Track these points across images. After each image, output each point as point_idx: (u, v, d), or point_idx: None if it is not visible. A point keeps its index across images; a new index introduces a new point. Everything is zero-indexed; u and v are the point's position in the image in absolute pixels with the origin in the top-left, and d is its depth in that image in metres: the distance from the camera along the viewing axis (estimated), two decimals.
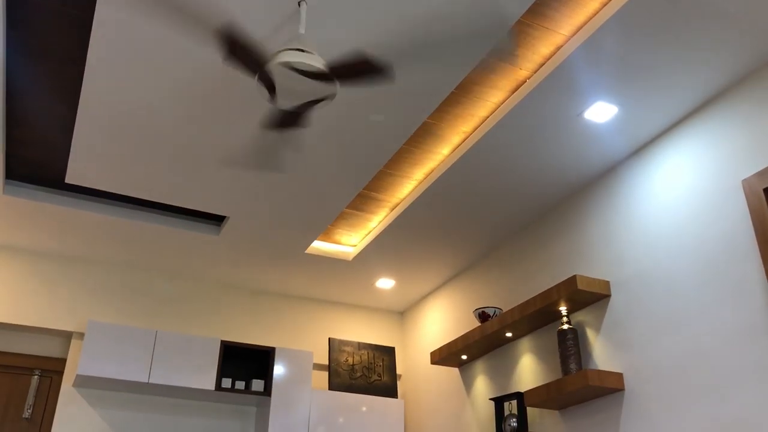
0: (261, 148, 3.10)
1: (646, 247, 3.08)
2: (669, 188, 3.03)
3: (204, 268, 4.58)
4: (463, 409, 4.19)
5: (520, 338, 3.80)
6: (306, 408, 4.38)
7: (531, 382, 3.64)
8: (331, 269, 4.57)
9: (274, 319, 4.88)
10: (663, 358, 2.86)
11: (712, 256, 2.74)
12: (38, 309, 4.25)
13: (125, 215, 3.98)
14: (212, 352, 4.30)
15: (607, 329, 3.20)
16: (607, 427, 3.07)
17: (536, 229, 3.87)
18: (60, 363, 4.33)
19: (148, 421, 4.31)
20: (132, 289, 4.55)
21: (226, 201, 3.74)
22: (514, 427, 3.51)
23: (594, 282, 3.20)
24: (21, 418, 4.15)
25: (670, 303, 2.89)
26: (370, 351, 4.82)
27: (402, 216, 3.88)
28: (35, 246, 4.31)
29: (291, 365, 4.47)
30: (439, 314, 4.72)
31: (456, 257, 4.36)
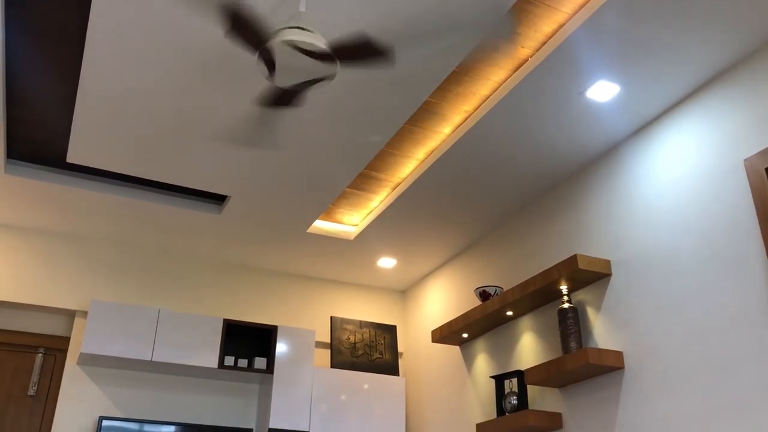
0: (255, 125, 3.07)
1: (647, 227, 3.08)
2: (670, 167, 3.03)
3: (206, 247, 4.59)
4: (464, 386, 4.23)
5: (521, 317, 3.82)
6: (308, 385, 4.42)
7: (531, 361, 3.66)
8: (333, 248, 4.58)
9: (276, 297, 4.91)
10: (663, 337, 2.88)
11: (713, 235, 2.75)
12: (41, 288, 4.27)
13: (127, 194, 3.98)
14: (215, 330, 4.33)
15: (607, 308, 3.21)
16: (606, 404, 3.09)
17: (537, 209, 3.87)
18: (64, 341, 4.37)
19: (152, 399, 4.36)
20: (134, 268, 4.57)
21: (228, 180, 3.75)
22: (515, 405, 3.54)
23: (595, 261, 3.21)
24: (26, 395, 4.19)
25: (671, 282, 2.90)
26: (371, 329, 4.85)
27: (403, 195, 3.88)
28: (37, 225, 4.33)
29: (293, 343, 4.51)
30: (440, 293, 4.74)
31: (457, 237, 4.36)
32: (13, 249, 4.30)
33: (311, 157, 3.52)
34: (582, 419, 3.22)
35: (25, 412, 4.15)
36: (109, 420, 4.06)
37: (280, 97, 2.58)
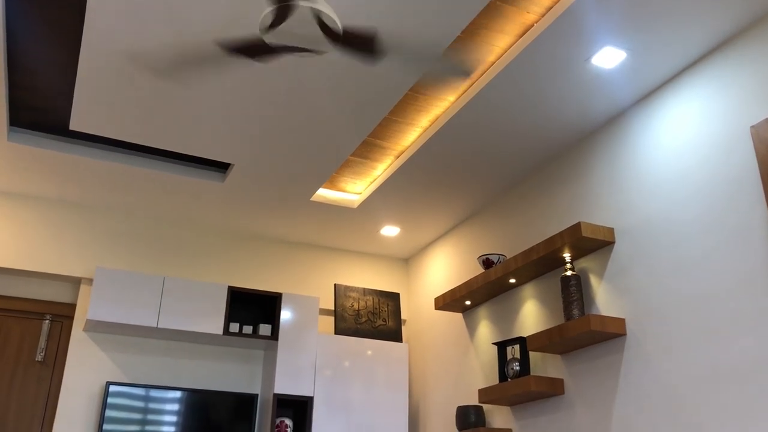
0: (194, 62, 2.96)
1: (652, 194, 3.08)
2: (676, 135, 3.01)
3: (210, 215, 4.60)
4: (467, 353, 4.27)
5: (524, 284, 3.84)
6: (312, 352, 4.46)
7: (534, 328, 3.69)
8: (337, 217, 4.59)
9: (280, 265, 4.93)
10: (665, 304, 2.89)
11: (717, 203, 2.74)
12: (47, 255, 4.30)
13: (130, 162, 3.98)
14: (220, 297, 4.36)
15: (610, 276, 3.23)
16: (608, 371, 3.13)
17: (541, 176, 3.86)
18: (70, 308, 4.41)
19: (158, 365, 4.41)
20: (139, 236, 4.59)
21: (231, 148, 3.74)
22: (517, 371, 3.58)
23: (598, 229, 3.21)
24: (34, 361, 4.25)
25: (674, 250, 2.90)
26: (375, 297, 4.89)
27: (407, 164, 3.87)
28: (41, 193, 4.33)
29: (297, 310, 4.54)
30: (444, 261, 4.76)
31: (461, 205, 4.36)
32: (18, 217, 4.31)
33: (314, 126, 3.51)
34: (583, 385, 3.26)
35: (33, 377, 4.21)
36: (116, 385, 4.12)
37: (252, 48, 2.55)
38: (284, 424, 4.31)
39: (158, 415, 4.17)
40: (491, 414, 3.90)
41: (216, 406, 4.33)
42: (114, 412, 4.06)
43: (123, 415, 4.08)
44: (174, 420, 4.20)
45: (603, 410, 3.11)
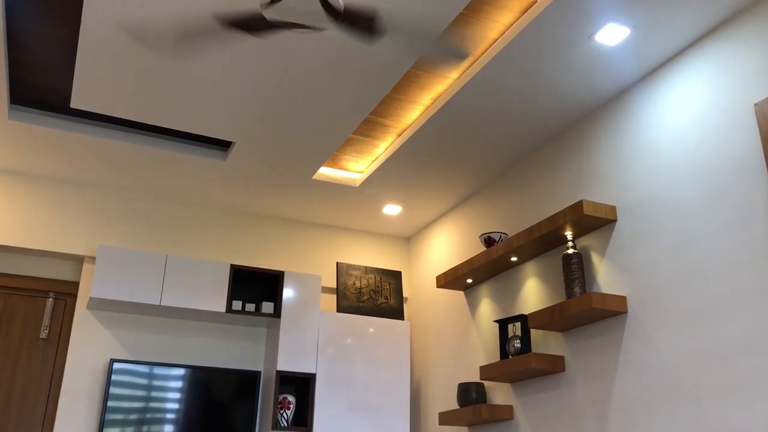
0: (191, 36, 2.92)
1: (654, 172, 3.07)
2: (679, 112, 3.00)
3: (212, 193, 4.60)
4: (468, 330, 4.29)
5: (525, 263, 3.85)
6: (315, 329, 4.49)
7: (535, 306, 3.71)
8: (339, 195, 4.59)
9: (282, 243, 4.94)
10: (667, 282, 2.90)
11: (720, 181, 2.74)
12: (49, 233, 4.31)
13: (132, 140, 3.97)
14: (222, 275, 4.38)
15: (612, 253, 3.23)
16: (609, 348, 3.14)
17: (543, 154, 3.85)
18: (73, 286, 4.43)
19: (162, 342, 4.45)
20: (140, 214, 4.59)
21: (233, 126, 3.73)
22: (518, 348, 3.60)
23: (600, 207, 3.21)
24: (39, 339, 4.28)
25: (676, 227, 2.90)
26: (377, 275, 4.90)
27: (409, 142, 3.86)
28: (43, 171, 4.33)
29: (300, 288, 4.56)
30: (445, 240, 4.77)
31: (463, 183, 4.36)
32: (20, 195, 4.31)
33: (316, 104, 3.49)
34: (584, 362, 3.28)
35: (38, 355, 4.24)
36: (120, 362, 4.16)
37: (251, 23, 2.52)
38: (287, 400, 4.35)
39: (162, 392, 4.21)
40: (492, 391, 3.94)
41: (219, 383, 4.37)
42: (118, 389, 4.10)
43: (127, 392, 4.12)
44: (177, 397, 4.24)
45: (603, 387, 3.13)
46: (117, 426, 4.04)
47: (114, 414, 4.05)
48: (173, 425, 4.17)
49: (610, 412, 3.07)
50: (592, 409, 3.18)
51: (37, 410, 4.14)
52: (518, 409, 3.69)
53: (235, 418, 4.33)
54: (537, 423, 3.53)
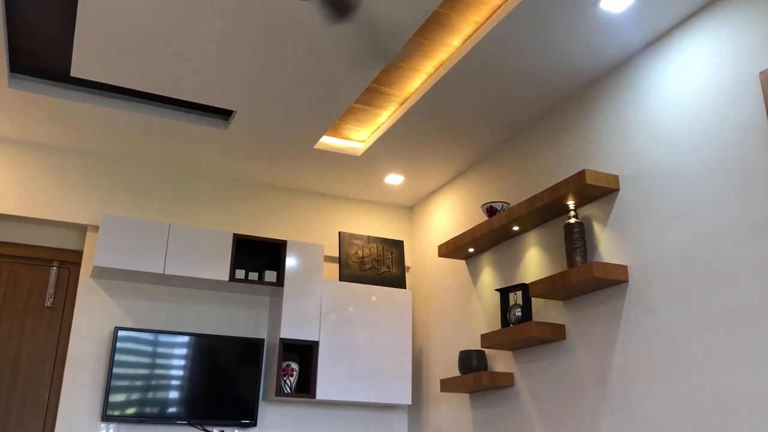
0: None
1: (658, 141, 3.06)
2: (683, 81, 2.97)
3: (214, 162, 4.60)
4: (470, 299, 4.32)
5: (527, 232, 3.85)
6: (317, 298, 4.52)
7: (536, 275, 3.72)
8: (341, 165, 4.58)
9: (285, 213, 4.95)
10: (668, 251, 2.91)
11: (723, 150, 2.73)
12: (52, 202, 4.32)
13: (133, 109, 3.96)
14: (225, 244, 4.40)
15: (614, 223, 3.23)
16: (609, 316, 3.17)
17: (546, 123, 3.83)
18: (77, 255, 4.46)
19: (166, 310, 4.48)
20: (143, 184, 4.60)
21: (234, 95, 3.71)
22: (519, 316, 3.63)
23: (603, 176, 3.21)
24: (44, 307, 4.32)
25: (679, 197, 2.90)
26: (379, 244, 4.92)
27: (411, 111, 3.84)
28: (44, 140, 4.33)
29: (302, 257, 4.58)
30: (448, 209, 4.77)
31: (465, 152, 4.35)
32: (22, 164, 4.31)
33: (317, 72, 3.47)
34: (585, 331, 3.31)
35: (43, 322, 4.29)
36: (125, 330, 4.20)
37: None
38: (290, 367, 4.40)
39: (167, 359, 4.26)
40: (493, 358, 3.98)
41: (223, 350, 4.42)
42: (123, 356, 4.15)
43: (132, 359, 4.17)
44: (182, 364, 4.29)
45: (603, 355, 3.16)
46: (123, 392, 4.10)
47: (120, 380, 4.10)
48: (178, 391, 4.23)
49: (610, 379, 3.10)
50: (592, 376, 3.22)
51: (44, 376, 4.20)
52: (519, 377, 3.73)
53: (239, 385, 4.39)
54: (537, 390, 3.57)
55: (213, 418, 4.28)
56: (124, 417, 4.07)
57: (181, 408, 4.21)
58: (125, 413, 4.08)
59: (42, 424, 4.12)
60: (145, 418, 4.11)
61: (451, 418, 4.33)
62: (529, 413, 3.61)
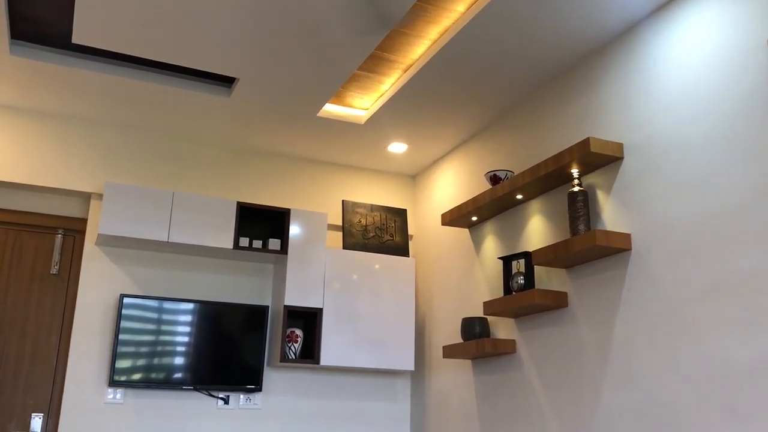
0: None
1: (663, 109, 3.04)
2: (689, 49, 2.94)
3: (217, 130, 4.59)
4: (472, 267, 4.34)
5: (531, 200, 3.85)
6: (321, 266, 4.55)
7: (539, 243, 3.74)
8: (344, 133, 4.56)
9: (288, 181, 4.95)
10: (672, 220, 2.91)
11: (729, 118, 2.71)
12: (55, 170, 4.32)
13: (135, 76, 3.93)
14: (229, 212, 4.41)
15: (617, 191, 3.23)
16: (612, 284, 3.19)
17: (551, 91, 3.81)
18: (81, 223, 4.47)
19: (171, 278, 4.52)
20: (146, 151, 4.59)
21: (236, 62, 3.68)
22: (521, 284, 3.65)
23: (607, 144, 3.20)
24: (49, 274, 4.35)
25: (683, 165, 2.89)
26: (382, 213, 4.93)
27: (415, 78, 3.81)
28: (47, 107, 4.31)
29: (306, 226, 4.60)
30: (451, 177, 4.77)
31: (469, 120, 4.33)
32: (25, 132, 4.31)
33: (320, 38, 3.44)
34: (587, 298, 3.33)
35: (49, 290, 4.32)
36: (130, 297, 4.24)
37: None
38: (295, 334, 4.44)
39: (172, 326, 4.30)
40: (495, 325, 4.01)
41: (228, 317, 4.46)
42: (129, 323, 4.19)
43: (138, 325, 4.22)
44: (187, 330, 4.34)
45: (605, 322, 3.19)
46: (129, 358, 4.15)
47: (126, 347, 4.15)
48: (183, 357, 4.28)
49: (611, 346, 3.14)
50: (594, 343, 3.25)
51: (51, 343, 4.25)
52: (521, 344, 3.77)
53: (244, 351, 4.44)
54: (539, 357, 3.61)
55: (218, 383, 4.34)
56: (131, 382, 4.13)
57: (187, 374, 4.27)
58: (131, 379, 4.13)
59: (51, 389, 4.19)
60: (151, 384, 4.17)
61: (454, 383, 4.38)
62: (531, 379, 3.65)
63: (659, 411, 2.83)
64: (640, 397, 2.94)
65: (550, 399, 3.49)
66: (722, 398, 2.56)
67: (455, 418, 4.32)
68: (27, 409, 4.12)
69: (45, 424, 4.13)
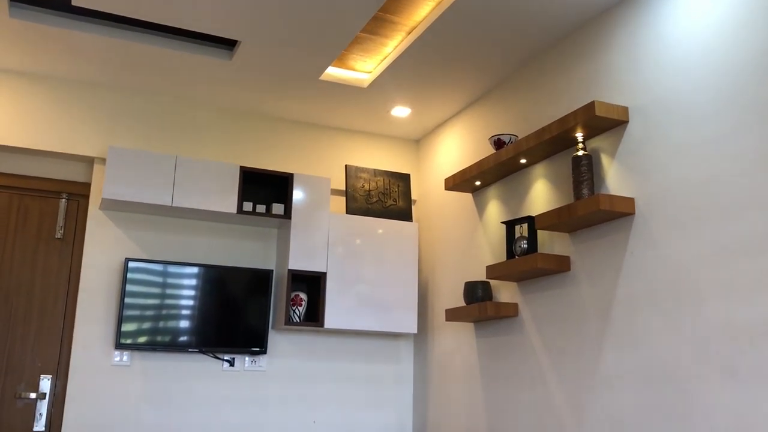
0: None
1: (669, 72, 3.01)
2: (697, 10, 2.90)
3: (219, 94, 4.56)
4: (475, 231, 4.35)
5: (534, 165, 3.84)
6: (325, 230, 4.57)
7: (543, 207, 3.74)
8: (347, 96, 4.53)
9: (291, 146, 4.94)
10: (676, 183, 2.90)
11: (736, 81, 2.68)
12: (58, 134, 4.31)
13: (136, 39, 3.90)
14: (232, 177, 4.41)
15: (622, 155, 3.22)
16: (615, 249, 3.19)
17: (556, 54, 3.77)
18: (85, 187, 4.48)
19: (175, 242, 4.54)
20: (148, 115, 4.57)
21: (238, 24, 3.64)
22: (524, 249, 3.66)
23: (612, 108, 3.17)
24: (54, 238, 4.37)
25: (689, 128, 2.88)
26: (385, 177, 4.92)
27: (418, 41, 3.77)
28: (48, 71, 4.28)
29: (309, 190, 4.60)
30: (455, 142, 4.75)
31: (473, 83, 4.29)
32: (27, 96, 4.29)
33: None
34: (590, 262, 3.34)
35: (55, 253, 4.35)
36: (135, 261, 4.26)
37: None
38: (299, 297, 4.48)
39: (177, 289, 4.34)
40: (498, 289, 4.04)
41: (233, 281, 4.49)
42: (134, 287, 4.23)
43: (143, 289, 4.25)
44: (193, 294, 4.37)
45: (607, 286, 3.21)
46: (135, 321, 4.19)
47: (131, 310, 4.20)
48: (189, 321, 4.32)
49: (613, 309, 3.16)
50: (596, 307, 3.27)
51: (57, 307, 4.29)
52: (523, 307, 3.80)
53: (248, 314, 4.48)
54: (541, 320, 3.64)
55: (223, 346, 4.39)
56: (137, 345, 4.18)
57: (192, 336, 4.32)
58: (138, 342, 4.19)
59: (58, 351, 4.25)
60: (157, 346, 4.23)
61: (456, 346, 4.43)
62: (533, 342, 3.69)
63: (660, 373, 2.86)
64: (640, 359, 2.97)
65: (552, 361, 3.53)
66: (723, 360, 2.59)
67: (457, 380, 4.38)
68: (36, 370, 4.18)
69: (54, 385, 4.20)
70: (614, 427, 3.07)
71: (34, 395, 4.14)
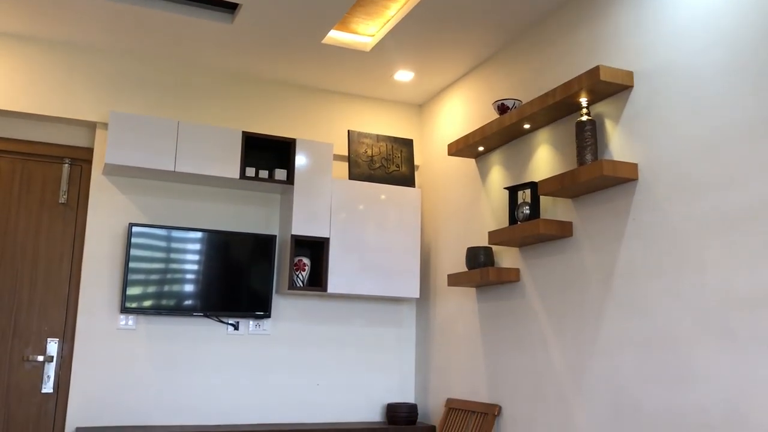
0: None
1: (675, 36, 2.97)
2: None
3: (220, 58, 4.52)
4: (478, 197, 4.35)
5: (538, 130, 3.82)
6: (327, 196, 4.57)
7: (546, 173, 3.73)
8: (349, 60, 4.49)
9: (293, 111, 4.91)
10: (679, 149, 2.89)
11: (741, 46, 2.65)
12: (60, 99, 4.29)
13: (137, 2, 3.85)
14: (234, 142, 4.40)
15: (626, 121, 3.20)
16: (617, 214, 3.20)
17: (560, 17, 3.72)
18: (88, 152, 4.48)
19: (178, 207, 4.55)
20: (149, 79, 4.54)
21: None
22: (527, 214, 3.66)
23: (617, 73, 3.14)
24: (58, 204, 4.39)
25: (693, 94, 2.85)
26: (388, 143, 4.90)
27: (422, 4, 3.72)
28: (50, 35, 4.24)
29: (312, 156, 4.59)
30: (458, 107, 4.72)
31: (477, 47, 4.24)
32: (28, 60, 4.26)
33: None
34: (592, 228, 3.35)
35: (59, 219, 4.37)
36: (139, 226, 4.28)
37: None
38: (302, 262, 4.51)
39: (181, 254, 4.36)
40: (500, 255, 4.06)
41: (236, 245, 4.52)
42: (138, 251, 4.25)
43: (147, 254, 4.28)
44: (196, 258, 4.40)
45: (610, 251, 3.22)
46: (139, 285, 4.23)
47: (136, 275, 4.23)
48: (193, 285, 4.36)
49: (615, 275, 3.17)
50: (598, 272, 3.28)
51: (62, 271, 4.33)
52: (525, 272, 3.82)
53: (252, 279, 4.52)
54: (543, 285, 3.66)
55: (228, 310, 4.43)
56: (142, 309, 4.23)
57: (197, 300, 4.36)
58: (143, 306, 4.23)
59: (64, 315, 4.29)
60: (162, 310, 4.27)
61: (458, 310, 4.47)
62: (535, 306, 3.72)
63: (660, 338, 2.89)
64: (641, 324, 2.99)
65: (553, 326, 3.56)
66: (722, 326, 2.61)
67: (459, 344, 4.42)
68: (42, 334, 4.23)
69: (60, 348, 4.26)
70: (614, 391, 3.11)
71: (41, 358, 4.20)
